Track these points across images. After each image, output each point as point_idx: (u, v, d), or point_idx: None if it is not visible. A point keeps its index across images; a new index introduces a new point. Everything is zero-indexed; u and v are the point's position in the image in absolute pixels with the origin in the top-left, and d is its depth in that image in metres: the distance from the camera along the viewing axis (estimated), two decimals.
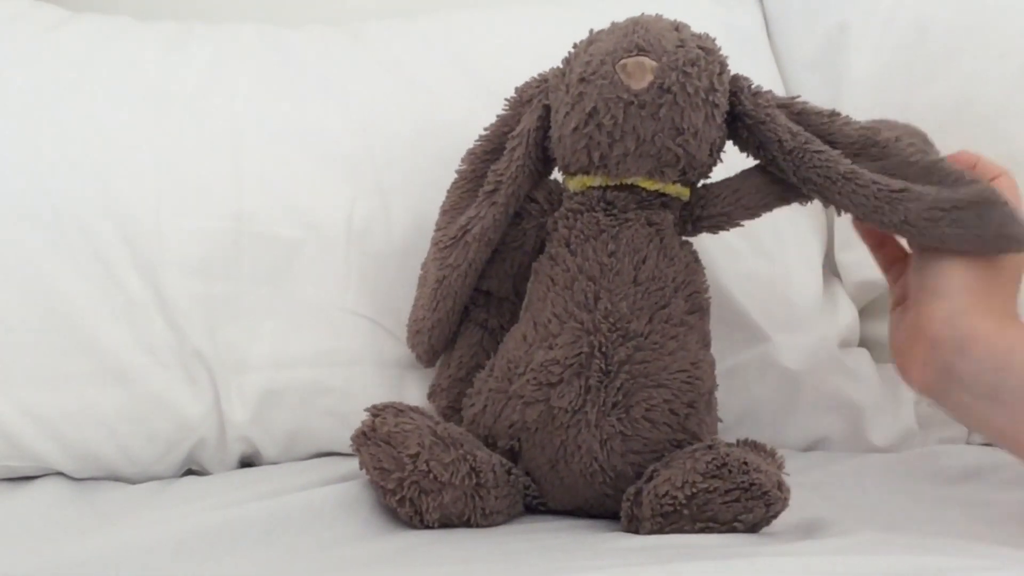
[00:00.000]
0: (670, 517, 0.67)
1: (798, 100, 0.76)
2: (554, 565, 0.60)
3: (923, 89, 0.93)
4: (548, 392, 0.73)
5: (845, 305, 0.95)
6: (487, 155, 0.81)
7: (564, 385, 0.73)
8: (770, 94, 0.76)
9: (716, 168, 0.78)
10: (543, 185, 0.81)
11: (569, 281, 0.75)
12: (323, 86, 0.91)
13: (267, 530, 0.67)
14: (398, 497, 0.69)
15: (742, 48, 0.91)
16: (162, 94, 0.88)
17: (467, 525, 0.71)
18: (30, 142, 0.85)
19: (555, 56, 0.79)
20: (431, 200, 0.83)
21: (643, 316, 0.73)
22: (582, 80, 0.73)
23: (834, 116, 0.75)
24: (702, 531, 0.67)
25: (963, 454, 0.90)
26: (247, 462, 0.86)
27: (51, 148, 0.85)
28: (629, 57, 0.72)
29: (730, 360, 0.88)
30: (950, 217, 0.71)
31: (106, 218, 0.83)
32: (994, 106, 0.91)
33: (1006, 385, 0.69)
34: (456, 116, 0.88)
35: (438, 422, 0.73)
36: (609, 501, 0.74)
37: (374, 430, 0.70)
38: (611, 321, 0.73)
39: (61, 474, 0.82)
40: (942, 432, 0.93)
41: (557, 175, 0.81)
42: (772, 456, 0.75)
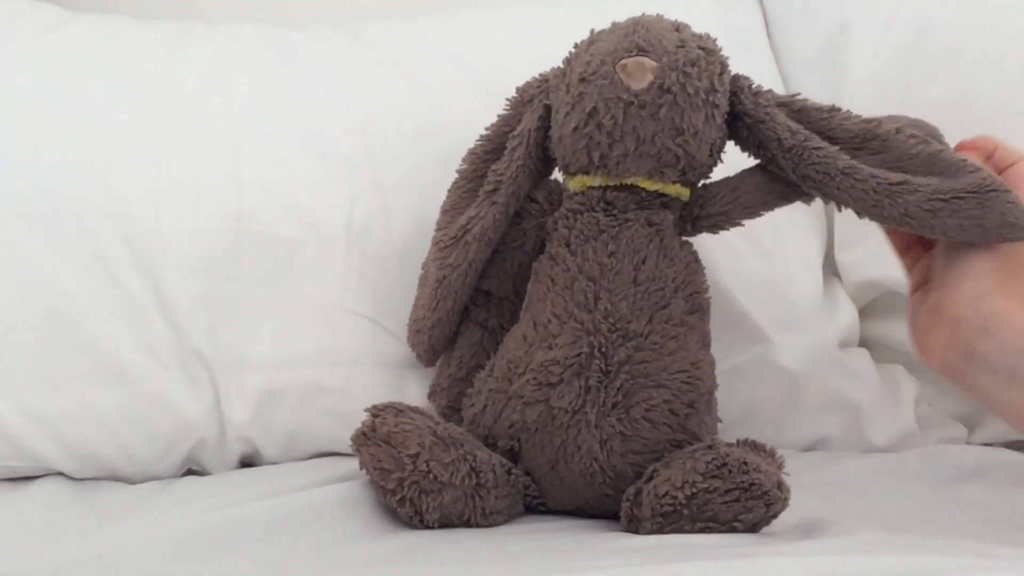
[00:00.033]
0: (670, 517, 0.67)
1: (798, 98, 0.76)
2: (554, 565, 0.60)
3: (923, 89, 0.93)
4: (548, 392, 0.73)
5: (845, 305, 0.95)
6: (488, 155, 0.81)
7: (564, 385, 0.73)
8: (770, 93, 0.76)
9: (717, 168, 0.78)
10: (543, 185, 0.81)
11: (569, 281, 0.75)
12: (323, 86, 0.91)
13: (267, 530, 0.67)
14: (398, 497, 0.69)
15: (742, 48, 0.91)
16: (162, 94, 0.88)
17: (467, 525, 0.71)
18: (30, 142, 0.85)
19: (555, 56, 0.79)
20: (431, 200, 0.83)
21: (643, 316, 0.73)
22: (582, 80, 0.73)
23: (834, 111, 0.75)
24: (702, 531, 0.67)
25: (963, 454, 0.90)
26: (247, 462, 0.86)
27: (51, 148, 0.85)
28: (629, 57, 0.72)
29: (730, 360, 0.88)
30: (950, 207, 0.71)
31: (106, 218, 0.83)
32: (994, 106, 0.91)
33: None
34: (456, 116, 0.88)
35: (438, 422, 0.73)
36: (609, 501, 0.74)
37: (374, 430, 0.70)
38: (611, 321, 0.73)
39: (61, 474, 0.82)
40: (942, 432, 0.93)
41: (558, 175, 0.81)
42: (772, 456, 0.75)
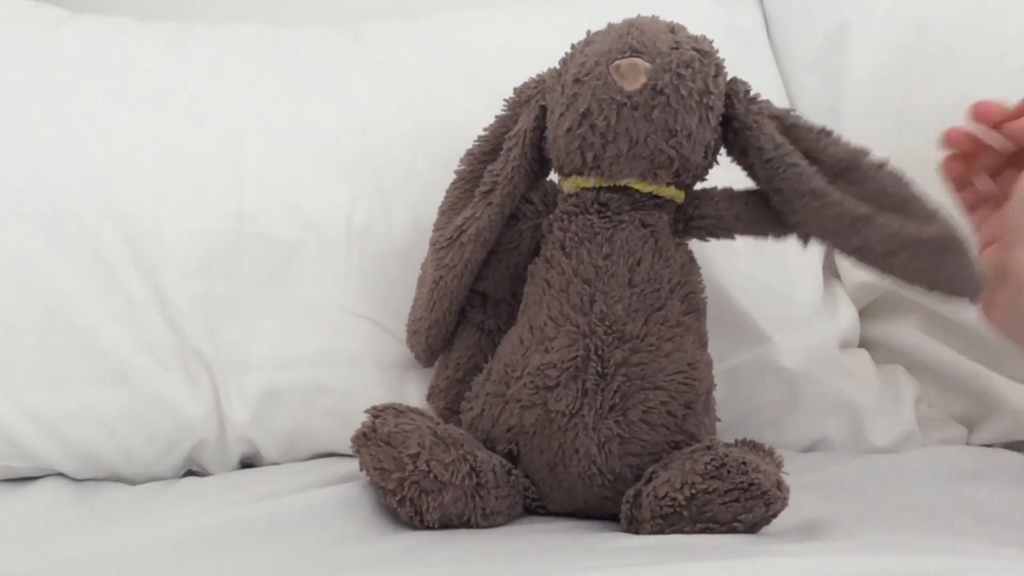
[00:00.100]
0: (670, 518, 0.67)
1: (792, 113, 0.76)
2: (554, 565, 0.60)
3: (923, 89, 0.93)
4: (545, 396, 0.73)
5: (845, 306, 0.95)
6: (485, 156, 0.80)
7: (561, 389, 0.73)
8: (765, 103, 0.76)
9: (716, 172, 0.78)
10: (539, 186, 0.81)
11: (564, 284, 0.75)
12: (323, 86, 0.91)
13: (267, 530, 0.67)
14: (398, 497, 0.69)
15: (742, 48, 0.91)
16: (162, 94, 0.88)
17: (467, 526, 0.71)
18: (30, 142, 0.85)
19: (555, 56, 0.79)
20: (431, 200, 0.83)
21: (639, 318, 0.73)
22: (576, 81, 0.73)
23: (823, 134, 0.75)
24: (702, 532, 0.67)
25: (963, 454, 0.90)
26: (247, 463, 0.86)
27: (51, 148, 0.85)
28: (623, 58, 0.72)
29: (730, 361, 0.88)
30: (908, 252, 0.71)
31: (106, 218, 0.83)
32: None
33: None
34: (456, 116, 0.88)
35: (438, 422, 0.73)
36: (608, 504, 0.73)
37: (374, 431, 0.70)
38: (607, 324, 0.73)
39: (61, 475, 0.82)
40: (942, 432, 0.93)
41: (553, 176, 0.81)
42: (771, 456, 0.75)
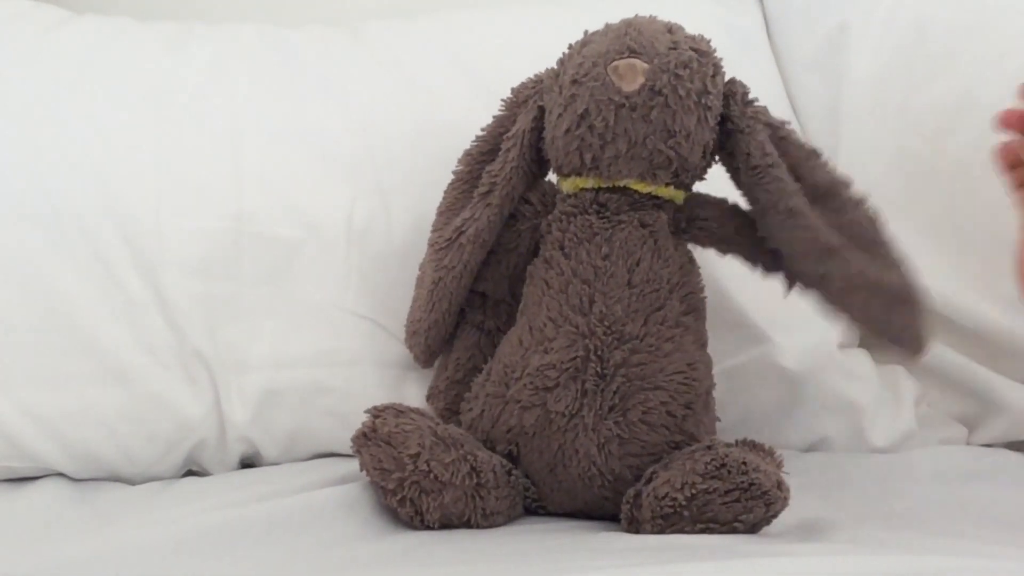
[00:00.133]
0: (670, 519, 0.67)
1: (787, 126, 0.76)
2: (554, 565, 0.60)
3: (923, 89, 0.93)
4: (545, 396, 0.73)
5: None
6: (483, 156, 0.80)
7: (560, 389, 0.73)
8: (762, 108, 0.76)
9: (716, 172, 0.78)
10: (537, 187, 0.81)
11: (563, 284, 0.75)
12: (323, 86, 0.91)
13: (267, 530, 0.67)
14: (399, 497, 0.69)
15: (742, 48, 0.91)
16: (162, 94, 0.88)
17: (467, 526, 0.71)
18: (30, 142, 0.85)
19: (555, 56, 0.79)
20: (431, 200, 0.83)
21: (638, 318, 0.73)
22: (574, 82, 0.73)
23: (812, 155, 0.75)
24: (702, 532, 0.67)
25: (963, 454, 0.90)
26: (247, 463, 0.86)
27: (51, 148, 0.85)
28: (621, 59, 0.72)
29: (730, 361, 0.88)
30: (865, 293, 0.72)
31: (106, 218, 0.83)
32: (994, 106, 0.91)
33: None
34: (456, 116, 0.88)
35: (438, 423, 0.73)
36: (608, 504, 0.73)
37: (375, 431, 0.70)
38: (606, 324, 0.73)
39: (61, 475, 0.82)
40: (942, 432, 0.93)
41: (552, 177, 0.81)
42: (771, 456, 0.75)
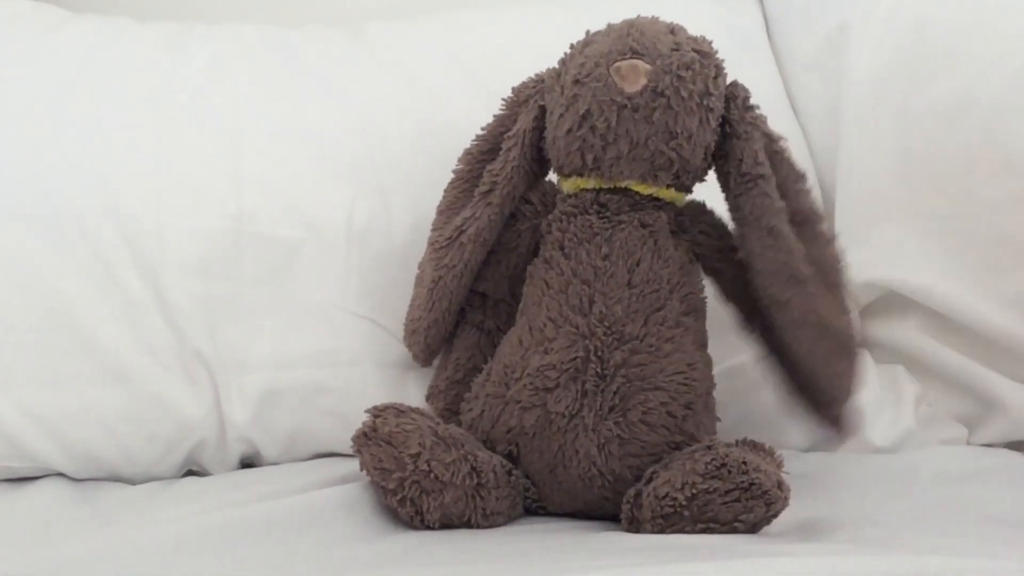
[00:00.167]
0: (671, 519, 0.67)
1: (782, 141, 0.76)
2: (554, 565, 0.60)
3: (923, 89, 0.93)
4: (545, 397, 0.73)
5: None
6: (483, 155, 0.80)
7: (561, 390, 0.73)
8: (761, 117, 0.76)
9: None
10: (538, 187, 0.81)
11: (563, 285, 0.75)
12: (323, 86, 0.91)
13: (267, 530, 0.67)
14: (399, 497, 0.69)
15: (742, 48, 0.91)
16: (162, 94, 0.88)
17: (468, 526, 0.71)
18: (30, 142, 0.85)
19: (555, 56, 0.79)
20: (431, 200, 0.83)
21: (638, 319, 0.73)
22: (576, 82, 0.73)
23: (800, 180, 0.76)
24: (703, 532, 0.67)
25: (963, 454, 0.90)
26: (247, 463, 0.86)
27: (51, 148, 0.85)
28: (623, 60, 0.72)
29: (730, 360, 0.88)
30: (818, 332, 0.74)
31: (106, 218, 0.83)
32: (994, 106, 0.91)
33: None
34: (456, 116, 0.88)
35: (439, 422, 0.73)
36: (608, 504, 0.73)
37: (375, 430, 0.70)
38: (606, 325, 0.73)
39: (61, 475, 0.82)
40: (942, 432, 0.93)
41: (552, 177, 0.81)
42: (771, 455, 0.75)
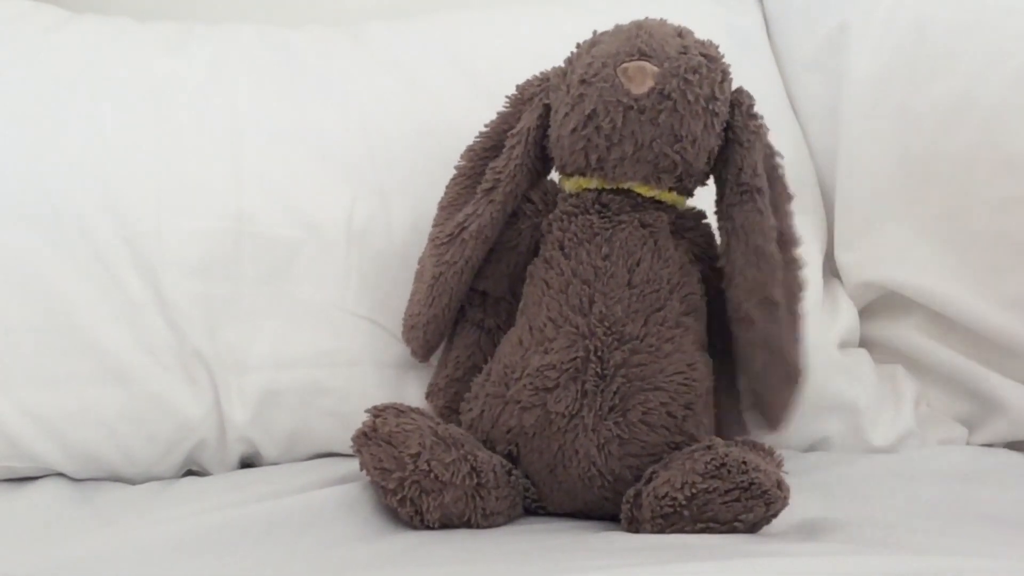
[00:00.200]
0: (670, 518, 0.67)
1: (779, 157, 0.76)
2: (554, 565, 0.60)
3: (923, 89, 0.93)
4: (545, 397, 0.73)
5: (845, 306, 0.95)
6: (486, 152, 0.81)
7: (560, 390, 0.73)
8: (764, 127, 0.76)
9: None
10: (539, 186, 0.81)
11: (563, 285, 0.75)
12: (323, 86, 0.91)
13: (267, 530, 0.67)
14: (399, 497, 0.69)
15: (742, 48, 0.91)
16: (162, 94, 0.88)
17: (467, 526, 0.71)
18: (30, 142, 0.85)
19: (555, 56, 0.79)
20: (431, 200, 0.83)
21: (638, 319, 0.73)
22: (583, 82, 0.73)
23: (789, 200, 0.77)
24: (702, 531, 0.67)
25: (963, 454, 0.90)
26: (247, 463, 0.86)
27: (51, 148, 0.85)
28: (631, 61, 0.72)
29: None
30: (772, 357, 0.76)
31: (106, 218, 0.83)
32: (994, 106, 0.91)
33: None
34: (456, 116, 0.88)
35: (439, 422, 0.73)
36: (608, 504, 0.73)
37: (375, 430, 0.70)
38: (606, 325, 0.73)
39: (61, 475, 0.82)
40: (942, 432, 0.93)
41: (554, 176, 0.81)
42: (771, 455, 0.75)
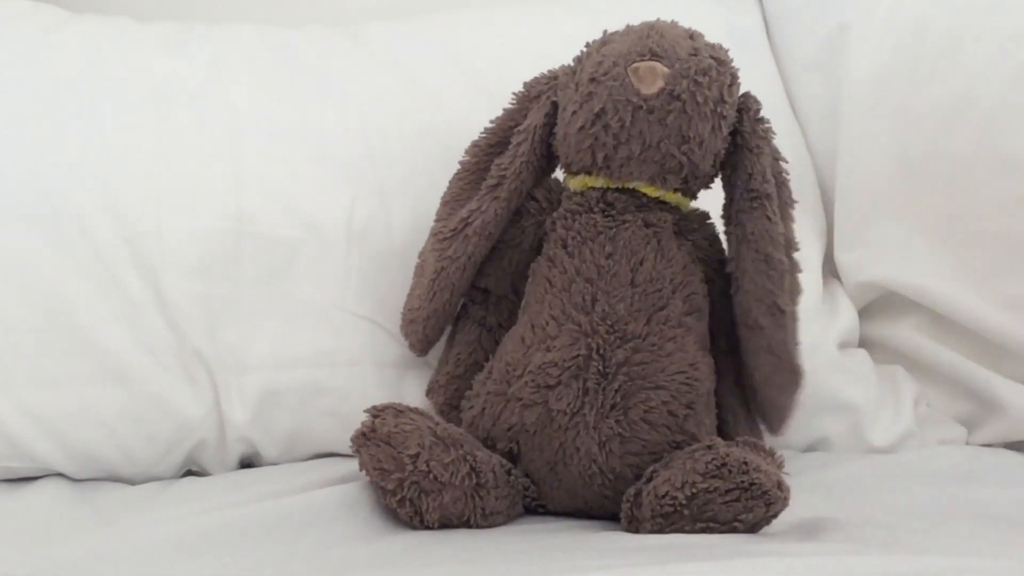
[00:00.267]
0: (670, 518, 0.67)
1: (783, 161, 0.77)
2: (554, 565, 0.60)
3: (923, 89, 0.93)
4: (546, 394, 0.73)
5: (845, 306, 0.95)
6: (491, 148, 0.81)
7: (562, 387, 0.73)
8: (771, 132, 0.76)
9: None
10: (543, 183, 0.81)
11: (567, 283, 0.75)
12: (323, 86, 0.91)
13: (267, 530, 0.67)
14: (398, 498, 0.69)
15: (742, 48, 0.91)
16: (162, 94, 0.88)
17: (467, 526, 0.71)
18: (30, 142, 0.85)
19: (555, 56, 0.79)
20: (431, 200, 0.83)
21: (641, 318, 0.73)
22: (592, 80, 0.73)
23: (792, 206, 0.77)
24: (702, 531, 0.67)
25: (963, 454, 0.90)
26: (247, 463, 0.86)
27: (51, 148, 0.85)
28: (642, 61, 0.72)
29: None
30: (776, 362, 0.76)
31: (106, 218, 0.83)
32: (994, 106, 0.91)
33: None
34: (456, 116, 0.88)
35: (438, 423, 0.73)
36: (608, 503, 0.74)
37: (374, 431, 0.70)
38: (609, 323, 0.73)
39: (61, 475, 0.82)
40: (942, 432, 0.93)
41: (558, 174, 0.81)
42: (771, 456, 0.75)
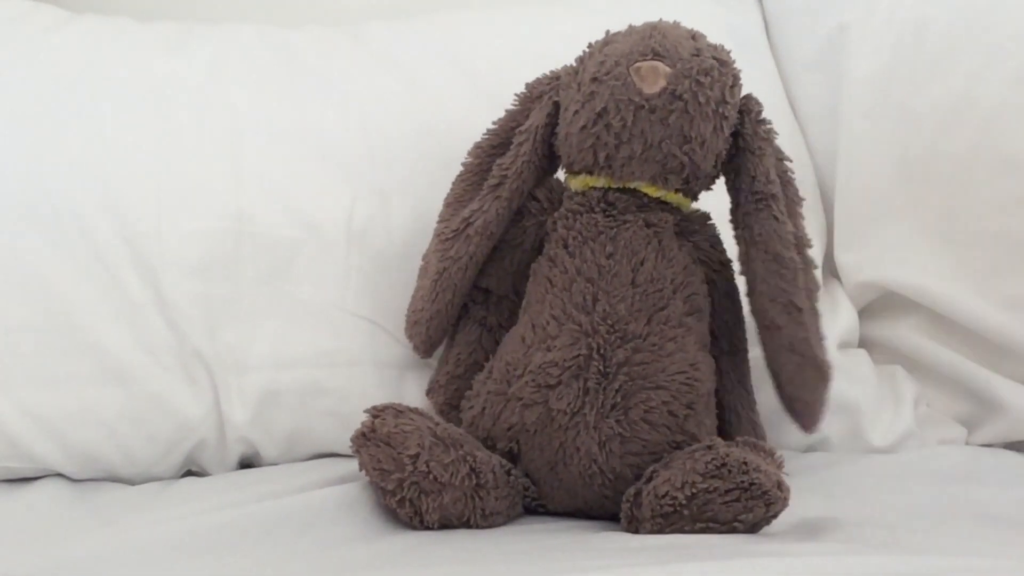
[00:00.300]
0: (670, 518, 0.67)
1: (787, 160, 0.77)
2: (554, 565, 0.60)
3: (923, 89, 0.93)
4: (547, 394, 0.73)
5: (845, 306, 0.95)
6: (493, 149, 0.81)
7: (563, 387, 0.73)
8: (774, 132, 0.76)
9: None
10: (545, 184, 0.81)
11: (567, 283, 0.75)
12: (323, 86, 0.91)
13: (267, 530, 0.67)
14: (398, 498, 0.69)
15: (742, 48, 0.91)
16: (162, 94, 0.88)
17: (467, 526, 0.71)
18: (30, 142, 0.85)
19: (555, 56, 0.79)
20: (431, 200, 0.83)
21: (641, 318, 0.73)
22: (595, 80, 0.73)
23: (800, 203, 0.77)
24: (702, 531, 0.67)
25: (963, 454, 0.90)
26: (247, 463, 0.86)
27: (51, 148, 0.85)
28: (644, 61, 0.72)
29: None
30: (801, 359, 0.76)
31: (106, 218, 0.83)
32: (994, 106, 0.91)
33: None
34: (456, 116, 0.88)
35: (438, 423, 0.73)
36: (608, 503, 0.74)
37: (374, 431, 0.70)
38: (609, 323, 0.73)
39: (61, 475, 0.82)
40: (942, 433, 0.93)
41: (560, 174, 0.81)
42: (771, 456, 0.75)
